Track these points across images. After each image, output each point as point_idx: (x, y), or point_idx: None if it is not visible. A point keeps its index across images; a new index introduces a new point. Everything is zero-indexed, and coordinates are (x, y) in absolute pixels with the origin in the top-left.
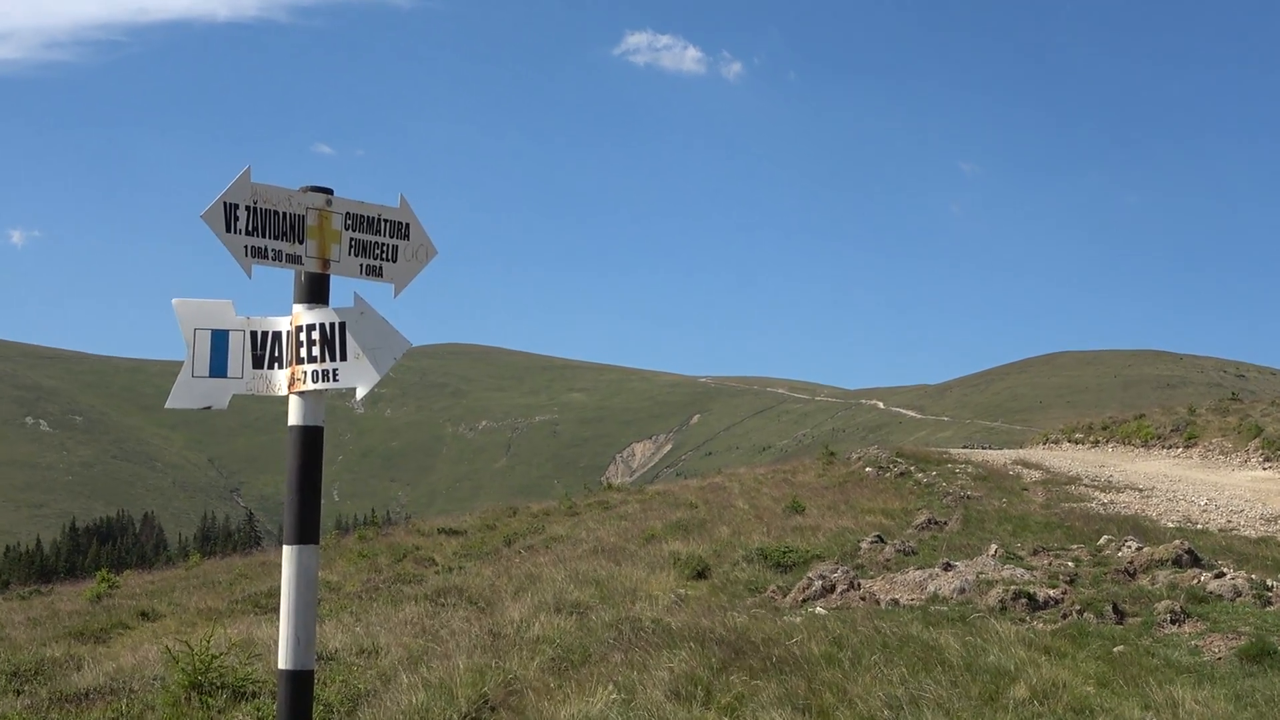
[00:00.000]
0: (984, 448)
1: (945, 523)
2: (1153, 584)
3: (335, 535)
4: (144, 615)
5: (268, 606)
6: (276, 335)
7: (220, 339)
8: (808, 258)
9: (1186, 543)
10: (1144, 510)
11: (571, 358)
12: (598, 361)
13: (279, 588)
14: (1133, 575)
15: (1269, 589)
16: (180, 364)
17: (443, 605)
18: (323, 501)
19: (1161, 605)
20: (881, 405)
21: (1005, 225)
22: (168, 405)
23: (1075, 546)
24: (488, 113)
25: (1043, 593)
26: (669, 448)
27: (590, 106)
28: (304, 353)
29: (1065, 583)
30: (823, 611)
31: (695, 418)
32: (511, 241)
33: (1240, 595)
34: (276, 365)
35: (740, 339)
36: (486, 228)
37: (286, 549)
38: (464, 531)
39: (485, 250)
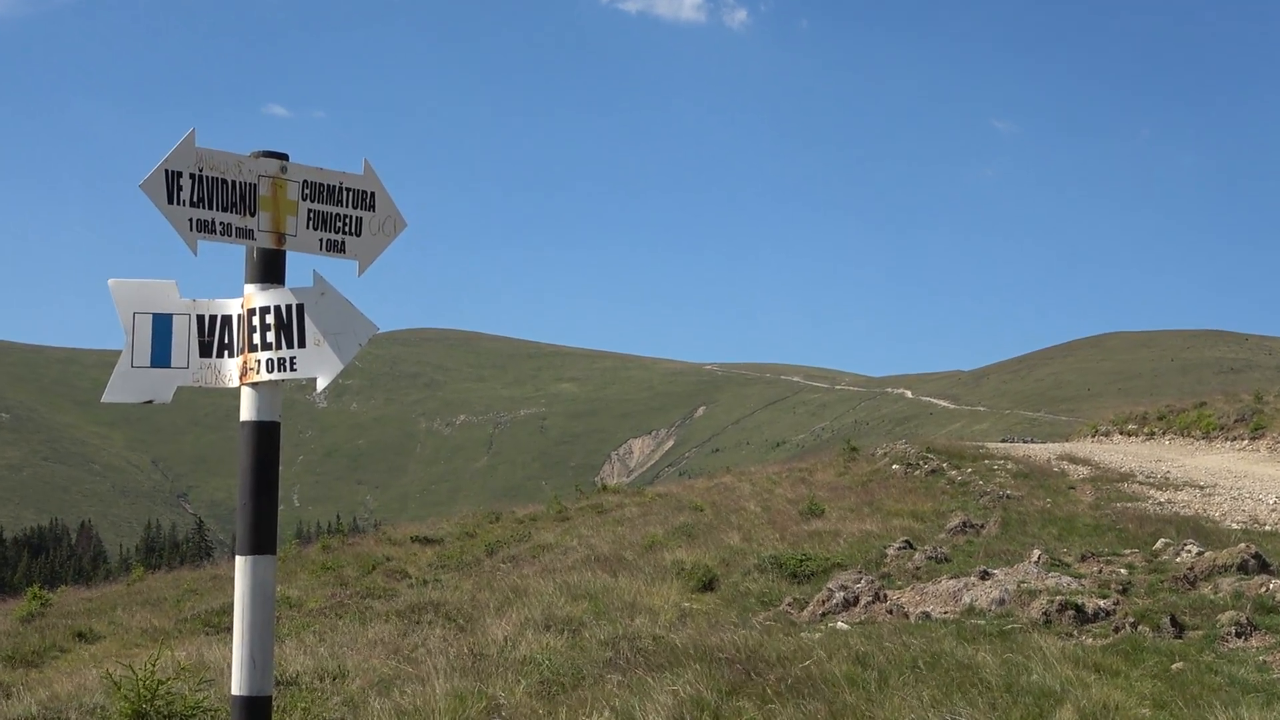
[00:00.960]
0: (1025, 441)
1: (982, 526)
2: (1215, 593)
3: (295, 545)
4: (81, 636)
5: (220, 625)
6: (226, 320)
7: (163, 325)
8: (824, 231)
9: (1253, 546)
10: (1205, 510)
11: (561, 344)
12: (590, 348)
13: (232, 604)
14: (1193, 583)
15: None
16: (118, 353)
17: (417, 623)
18: (281, 507)
19: (1225, 616)
20: (909, 394)
21: (1046, 192)
22: (105, 399)
23: (1128, 552)
24: (462, 70)
25: (1092, 604)
26: (671, 444)
27: (576, 62)
28: (257, 339)
29: (1117, 592)
30: (845, 626)
31: (700, 410)
32: (491, 214)
33: None
34: (227, 353)
35: (750, 322)
36: (463, 198)
37: (240, 560)
38: (440, 540)
39: (462, 224)
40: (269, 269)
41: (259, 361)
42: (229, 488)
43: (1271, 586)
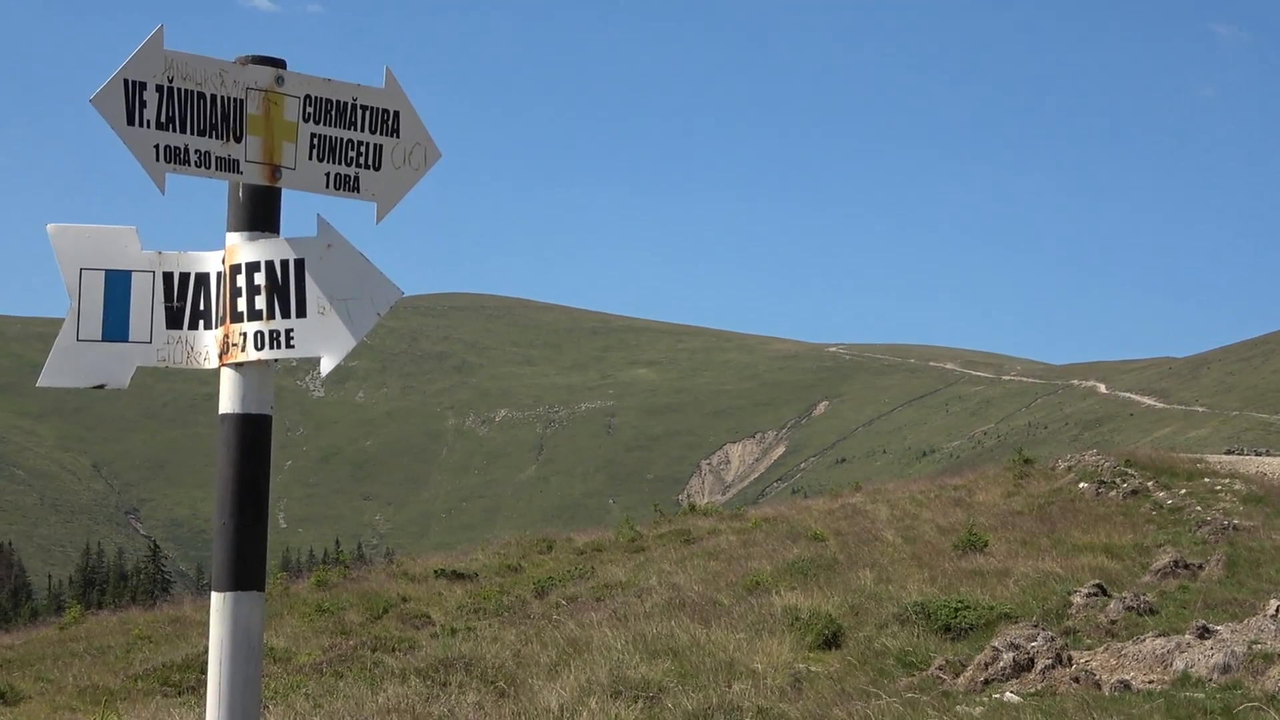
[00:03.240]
0: (1259, 453)
1: (1200, 566)
2: None
3: (282, 579)
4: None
5: (183, 685)
6: (202, 279)
7: (119, 285)
8: (984, 173)
9: None
10: None
11: (635, 316)
12: (674, 322)
13: (199, 656)
14: None
15: None
16: (59, 322)
17: (444, 685)
18: (268, 529)
19: None
20: (1103, 388)
21: None
22: (42, 383)
23: None
24: None
25: None
26: (781, 451)
27: None
28: (243, 305)
29: None
30: (1015, 699)
31: (821, 406)
32: (542, 145)
33: None
34: (202, 324)
35: (888, 290)
36: (504, 125)
37: (217, 599)
38: (474, 575)
39: (504, 158)
40: (259, 213)
41: (245, 335)
42: (195, 501)
43: None
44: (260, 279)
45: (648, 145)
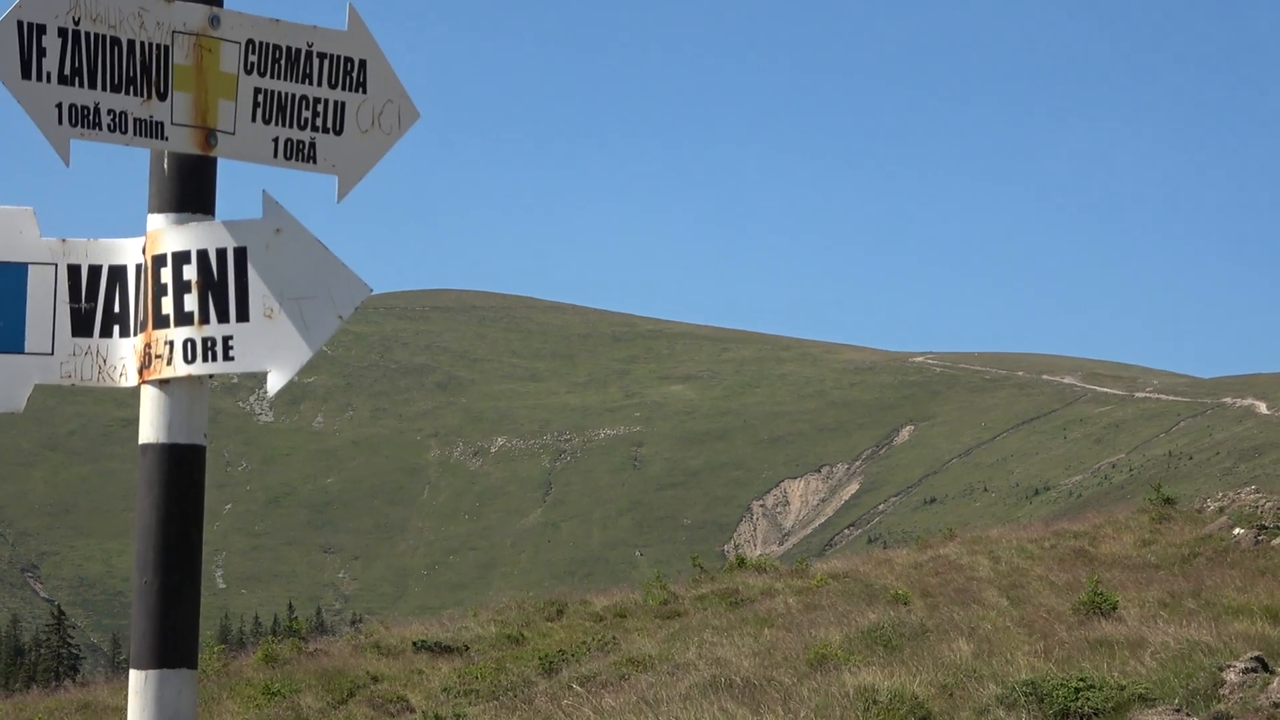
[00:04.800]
0: None
1: None
2: None
3: (220, 653)
4: None
5: None
6: (118, 274)
7: (11, 281)
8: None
9: None
10: None
11: (667, 318)
12: (717, 326)
13: None
14: None
15: None
16: None
17: None
18: (201, 589)
19: None
20: (1264, 408)
21: None
22: None
23: None
24: None
25: None
26: (854, 489)
27: None
28: (169, 307)
29: None
30: None
31: (905, 432)
32: (549, 100)
33: None
34: (117, 330)
35: (990, 287)
36: (500, 73)
37: (136, 679)
38: (464, 648)
39: (500, 118)
40: (189, 190)
41: (171, 345)
42: (109, 556)
43: None
44: (191, 273)
45: (682, 101)
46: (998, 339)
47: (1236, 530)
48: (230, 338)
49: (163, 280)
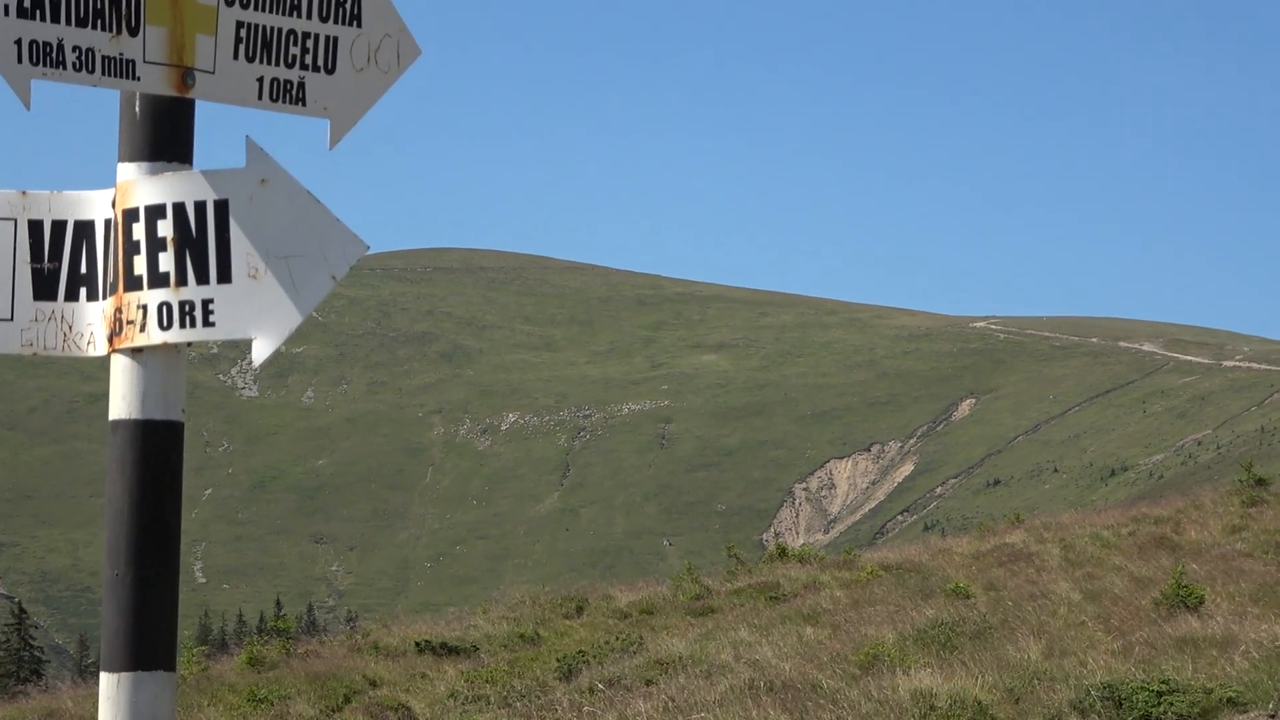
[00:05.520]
0: None
1: None
2: None
3: (200, 654)
4: None
5: None
6: (85, 231)
7: None
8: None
9: None
10: None
11: (699, 279)
12: (754, 288)
13: None
14: None
15: None
16: None
17: None
18: (179, 584)
19: None
20: None
21: None
22: None
23: None
24: None
25: None
26: (908, 470)
27: None
28: (142, 267)
29: None
30: None
31: (965, 406)
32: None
33: None
34: (84, 294)
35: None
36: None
37: (107, 683)
38: (473, 649)
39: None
40: (165, 135)
41: (145, 309)
42: (76, 547)
43: None
44: (166, 229)
45: (714, 33)
46: (1069, 302)
47: None
48: (210, 301)
49: (135, 237)
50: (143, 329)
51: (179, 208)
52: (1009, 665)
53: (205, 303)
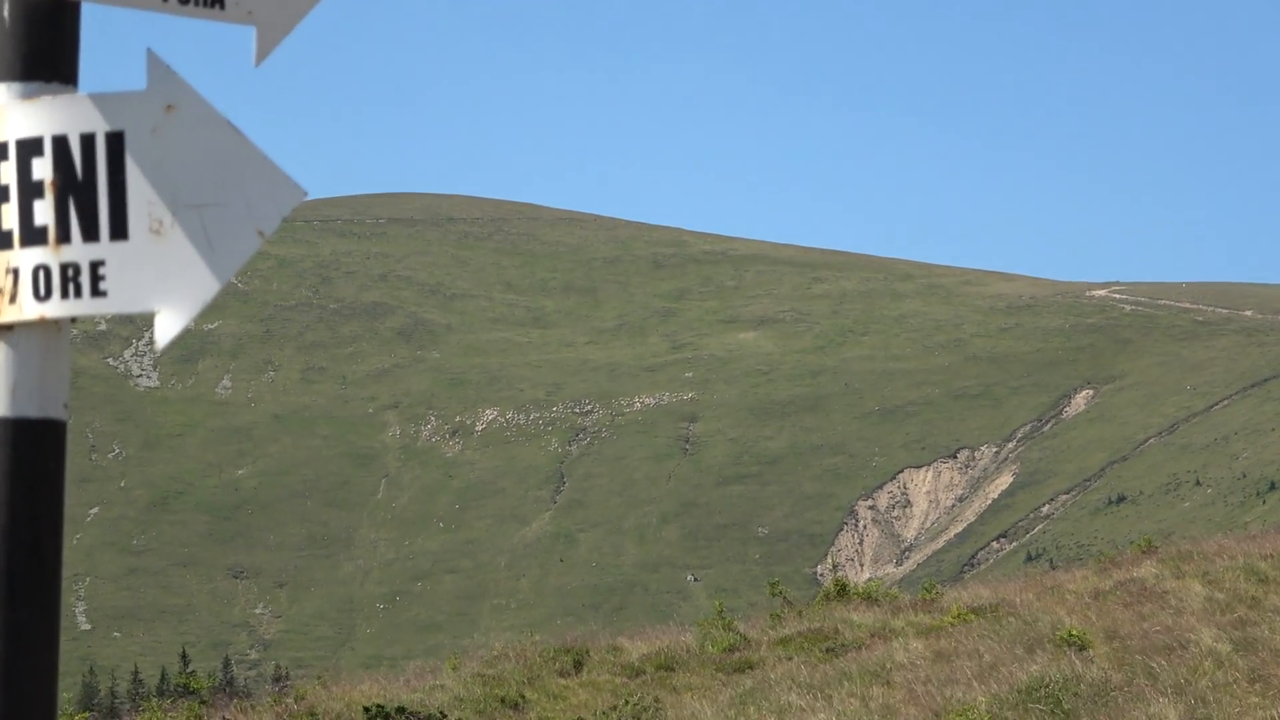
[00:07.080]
0: None
1: None
2: None
3: None
4: None
5: None
6: None
7: None
8: None
9: None
10: None
11: (733, 234)
12: (806, 245)
13: None
14: None
15: None
16: None
17: None
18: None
19: None
20: None
21: None
22: None
23: None
24: None
25: None
26: (1006, 482)
27: None
28: (12, 220)
29: None
30: None
31: (1079, 399)
32: None
33: None
34: None
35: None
36: None
37: None
38: (440, 717)
39: None
40: (41, 49)
41: (15, 274)
42: None
43: None
44: (43, 170)
45: None
46: (1212, 266)
47: None
48: (100, 264)
49: (2, 181)
50: (13, 300)
51: (60, 142)
52: None
53: (94, 265)
